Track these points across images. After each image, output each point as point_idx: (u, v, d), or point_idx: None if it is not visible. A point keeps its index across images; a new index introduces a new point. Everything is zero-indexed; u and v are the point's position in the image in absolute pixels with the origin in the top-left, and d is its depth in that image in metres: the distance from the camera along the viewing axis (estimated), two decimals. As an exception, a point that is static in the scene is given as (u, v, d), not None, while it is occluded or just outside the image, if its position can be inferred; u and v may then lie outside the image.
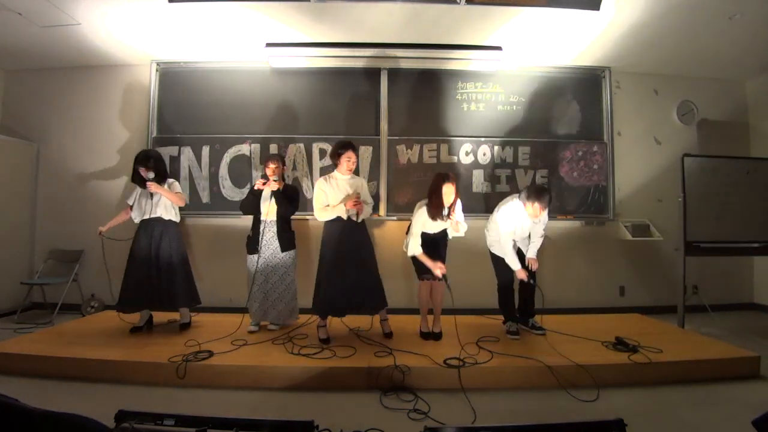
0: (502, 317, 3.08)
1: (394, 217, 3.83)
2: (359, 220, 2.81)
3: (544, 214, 2.78)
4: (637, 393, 2.23)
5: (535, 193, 2.64)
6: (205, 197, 3.82)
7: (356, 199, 2.72)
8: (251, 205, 2.98)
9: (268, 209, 2.94)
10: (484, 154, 3.88)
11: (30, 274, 3.92)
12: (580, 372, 2.30)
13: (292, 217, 3.06)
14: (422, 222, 2.77)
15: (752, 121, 4.30)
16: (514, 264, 2.80)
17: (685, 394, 2.23)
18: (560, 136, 3.96)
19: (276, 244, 2.94)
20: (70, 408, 1.20)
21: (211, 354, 2.46)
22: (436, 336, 2.86)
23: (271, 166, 2.92)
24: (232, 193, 3.81)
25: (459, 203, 2.88)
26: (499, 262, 2.92)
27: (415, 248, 2.73)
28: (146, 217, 2.90)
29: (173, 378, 2.29)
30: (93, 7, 3.06)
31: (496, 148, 3.88)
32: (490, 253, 2.98)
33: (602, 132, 4.02)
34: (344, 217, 2.74)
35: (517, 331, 2.91)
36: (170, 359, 2.37)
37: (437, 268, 2.65)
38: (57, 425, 1.06)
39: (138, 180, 2.91)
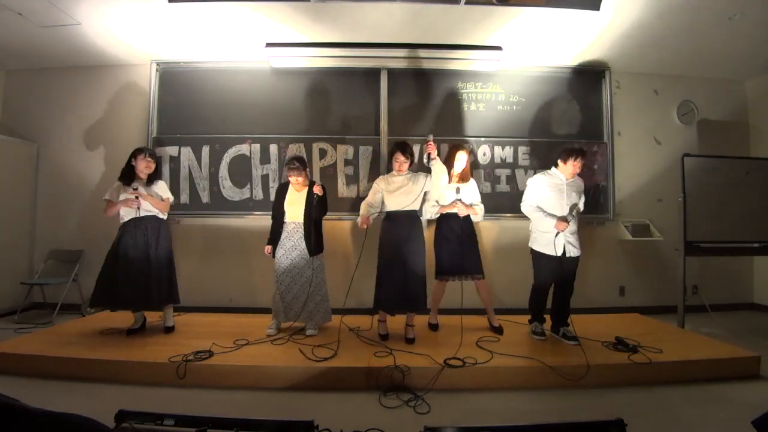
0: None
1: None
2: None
3: (579, 183, 2.88)
4: (637, 393, 2.23)
5: (575, 150, 2.79)
6: (204, 197, 3.82)
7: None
8: (271, 237, 2.99)
9: (294, 212, 2.92)
10: (484, 154, 3.88)
11: (30, 274, 3.92)
12: (580, 372, 2.30)
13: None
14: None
15: (752, 121, 4.30)
16: (548, 219, 2.78)
17: (685, 394, 2.23)
18: (560, 136, 3.96)
19: (303, 245, 2.91)
20: (70, 408, 1.20)
21: (211, 354, 2.46)
22: (497, 330, 3.02)
23: (297, 177, 2.89)
24: (232, 193, 3.81)
25: (474, 184, 3.07)
26: (539, 262, 2.87)
27: (429, 211, 2.98)
28: (141, 215, 2.82)
29: (173, 378, 2.29)
30: (93, 7, 3.06)
31: (496, 148, 3.88)
32: (531, 250, 2.93)
33: (602, 132, 4.02)
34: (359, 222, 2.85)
35: (543, 332, 2.89)
36: (170, 359, 2.37)
37: (456, 206, 2.90)
38: (57, 425, 1.06)
39: (127, 177, 2.84)
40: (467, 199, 2.98)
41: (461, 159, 3.00)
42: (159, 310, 2.95)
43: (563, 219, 2.74)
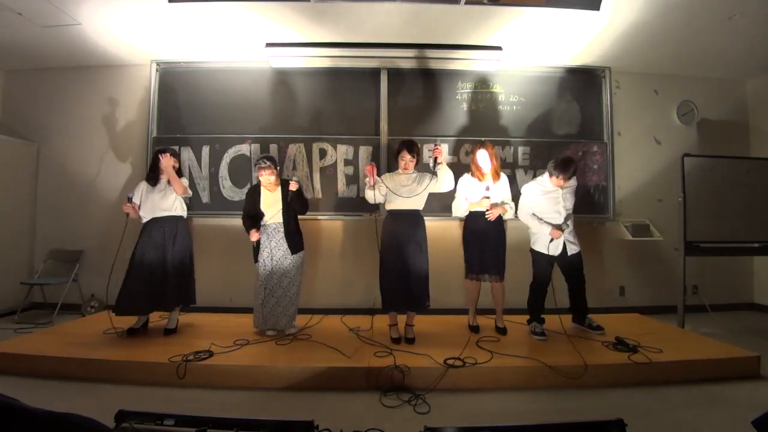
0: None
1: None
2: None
3: (573, 183, 2.93)
4: (637, 393, 2.23)
5: (557, 167, 2.81)
6: (205, 197, 3.82)
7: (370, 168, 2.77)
8: (252, 226, 2.93)
9: (273, 214, 2.91)
10: (484, 154, 3.87)
11: (30, 274, 3.92)
12: (580, 372, 2.30)
13: (301, 217, 3.04)
14: (464, 186, 3.02)
15: (752, 121, 4.30)
16: (544, 227, 2.85)
17: (685, 394, 2.23)
18: (560, 136, 3.95)
19: (285, 246, 2.90)
20: (70, 408, 1.20)
21: (211, 354, 2.46)
22: (501, 330, 2.99)
23: (269, 176, 2.86)
24: (232, 193, 3.81)
25: (505, 180, 3.05)
26: (539, 262, 2.93)
27: (458, 208, 3.05)
28: (159, 215, 2.85)
29: (173, 378, 2.29)
30: (93, 7, 3.06)
31: (496, 148, 3.87)
32: (531, 250, 2.99)
33: (602, 132, 4.01)
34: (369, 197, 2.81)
35: (542, 332, 2.89)
36: (170, 359, 2.37)
37: (486, 205, 2.87)
38: (57, 425, 1.06)
39: (153, 177, 2.89)
40: (496, 197, 2.94)
41: (481, 157, 2.96)
42: (172, 310, 2.97)
43: (558, 227, 2.80)
